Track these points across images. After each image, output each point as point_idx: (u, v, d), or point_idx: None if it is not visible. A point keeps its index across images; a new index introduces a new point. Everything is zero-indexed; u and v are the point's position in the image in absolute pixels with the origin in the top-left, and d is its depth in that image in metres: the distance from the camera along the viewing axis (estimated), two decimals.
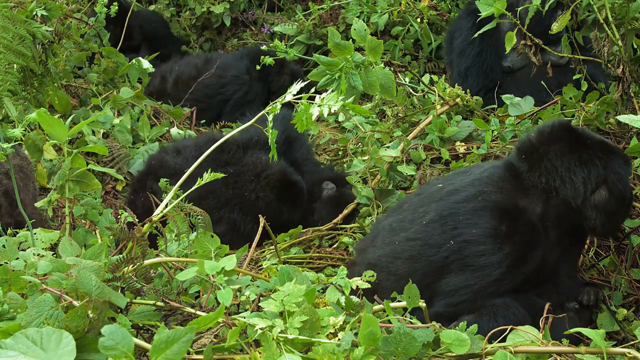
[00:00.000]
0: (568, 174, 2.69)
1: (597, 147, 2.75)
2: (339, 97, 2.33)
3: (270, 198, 3.79)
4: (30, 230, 2.61)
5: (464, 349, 2.11)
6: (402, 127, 4.22)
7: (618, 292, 3.08)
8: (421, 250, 2.75)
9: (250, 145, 3.92)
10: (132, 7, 5.71)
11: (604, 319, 2.91)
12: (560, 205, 2.71)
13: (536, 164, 2.74)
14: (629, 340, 2.79)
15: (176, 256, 2.48)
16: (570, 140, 2.74)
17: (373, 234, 3.07)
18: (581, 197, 2.69)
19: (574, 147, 2.72)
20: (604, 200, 2.71)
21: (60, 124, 2.58)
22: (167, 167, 3.83)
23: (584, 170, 2.69)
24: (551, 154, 2.72)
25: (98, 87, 4.70)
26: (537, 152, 2.75)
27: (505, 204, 2.72)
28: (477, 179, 2.83)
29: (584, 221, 2.73)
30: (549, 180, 2.70)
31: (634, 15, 3.31)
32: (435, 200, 2.84)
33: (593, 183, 2.69)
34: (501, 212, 2.70)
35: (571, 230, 2.78)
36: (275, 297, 2.01)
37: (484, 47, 4.60)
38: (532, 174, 2.74)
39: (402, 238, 2.81)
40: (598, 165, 2.70)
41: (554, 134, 2.77)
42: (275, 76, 5.22)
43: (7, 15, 3.76)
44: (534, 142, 2.78)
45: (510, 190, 2.75)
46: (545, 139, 2.77)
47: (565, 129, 2.78)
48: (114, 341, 1.63)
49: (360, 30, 2.71)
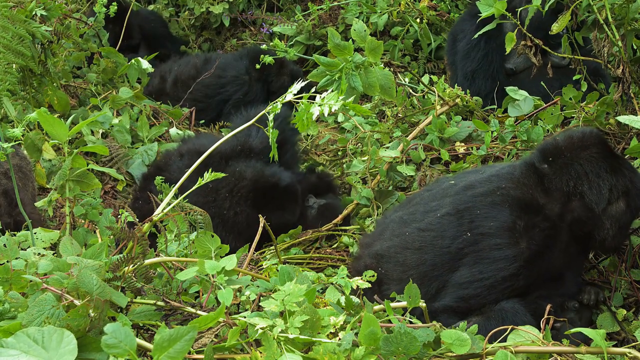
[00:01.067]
0: (597, 180, 2.72)
1: (625, 160, 2.81)
2: (339, 97, 2.33)
3: (247, 211, 3.70)
4: (30, 229, 2.61)
5: (464, 349, 2.11)
6: (401, 127, 4.22)
7: (618, 293, 3.07)
8: (433, 241, 2.75)
9: (234, 155, 3.84)
10: (131, 7, 5.71)
11: (604, 320, 2.91)
12: (579, 210, 2.73)
13: (564, 167, 2.75)
14: (629, 341, 2.79)
15: (176, 256, 2.48)
16: (602, 148, 2.78)
17: (380, 228, 3.07)
18: (604, 203, 2.71)
19: (607, 155, 2.76)
20: (620, 212, 2.74)
21: (60, 124, 2.58)
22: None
23: (613, 178, 2.73)
24: (583, 159, 2.74)
25: (97, 87, 4.69)
26: (565, 156, 2.76)
27: (525, 200, 2.73)
28: (496, 175, 2.85)
29: (597, 230, 2.76)
30: (577, 184, 2.72)
31: (633, 15, 3.31)
32: (450, 195, 2.85)
33: (619, 192, 2.72)
34: (520, 208, 2.71)
35: (580, 239, 2.80)
36: (276, 297, 2.01)
37: (489, 50, 4.60)
38: (557, 176, 2.75)
39: (413, 229, 2.82)
40: (626, 176, 2.75)
41: (585, 139, 2.79)
42: (275, 76, 5.21)
43: (6, 15, 3.76)
44: (561, 145, 2.80)
45: (531, 187, 2.77)
46: (575, 144, 2.78)
47: (597, 137, 2.82)
48: (116, 339, 1.63)
49: (360, 31, 2.71)
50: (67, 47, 4.60)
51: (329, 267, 3.43)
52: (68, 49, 4.63)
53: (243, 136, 3.92)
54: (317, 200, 3.94)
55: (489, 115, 4.28)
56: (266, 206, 3.70)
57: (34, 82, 4.13)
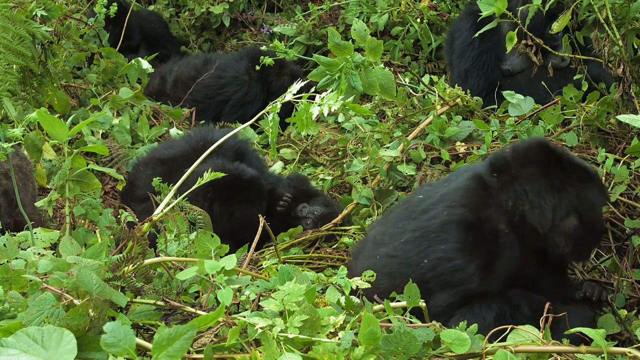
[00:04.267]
0: (537, 200, 2.60)
1: (574, 173, 2.65)
2: (338, 96, 2.33)
3: (210, 207, 3.60)
4: (30, 229, 2.61)
5: (464, 349, 2.11)
6: (402, 127, 4.22)
7: (620, 294, 3.06)
8: (400, 268, 2.70)
9: (196, 155, 3.77)
10: (131, 7, 5.71)
11: (605, 320, 2.90)
12: (525, 229, 2.63)
13: (507, 184, 2.64)
14: (632, 341, 2.78)
15: (176, 256, 2.48)
16: (545, 162, 2.64)
17: (364, 240, 3.05)
18: (549, 224, 2.61)
19: (547, 172, 2.63)
20: (573, 228, 2.64)
21: (60, 124, 2.58)
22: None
23: (555, 197, 2.61)
24: (522, 177, 2.63)
25: (97, 88, 4.69)
26: (510, 172, 2.65)
27: (469, 216, 2.65)
28: (446, 192, 2.77)
29: (551, 247, 2.67)
30: (517, 204, 2.62)
31: (634, 15, 3.31)
32: (412, 217, 2.79)
33: (565, 210, 2.61)
34: (466, 224, 2.63)
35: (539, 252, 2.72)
36: (276, 297, 2.01)
37: (483, 49, 4.59)
38: (501, 193, 2.65)
39: (382, 253, 2.78)
40: (570, 194, 2.62)
41: (529, 154, 2.67)
42: (275, 77, 5.21)
43: (6, 16, 3.76)
44: (508, 160, 2.68)
45: (476, 203, 2.67)
46: (519, 159, 2.67)
47: (542, 149, 2.67)
48: (116, 338, 1.64)
49: (360, 31, 2.71)
50: (68, 47, 4.61)
51: (328, 267, 3.42)
52: (68, 50, 4.63)
53: (203, 135, 3.92)
54: (311, 208, 3.91)
55: (489, 115, 4.28)
56: (230, 200, 3.67)
57: (34, 83, 4.13)
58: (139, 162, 4.02)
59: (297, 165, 4.51)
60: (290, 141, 4.70)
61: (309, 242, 3.70)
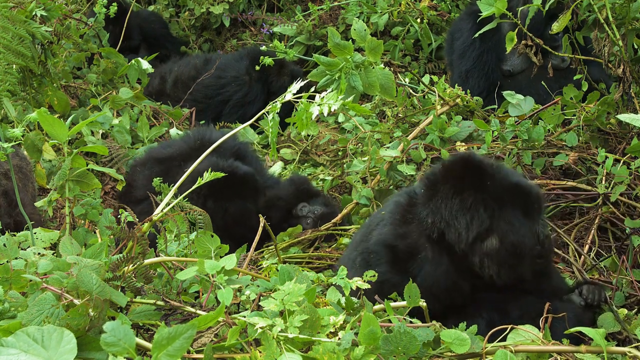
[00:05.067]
0: (451, 218, 2.54)
1: (495, 193, 2.54)
2: (338, 96, 2.33)
3: (204, 203, 3.59)
4: (30, 229, 2.61)
5: (464, 348, 2.11)
6: (402, 127, 4.22)
7: (620, 293, 3.06)
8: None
9: (193, 155, 3.70)
10: (131, 7, 5.71)
11: (604, 319, 2.90)
12: (448, 245, 2.57)
13: (428, 200, 2.60)
14: (631, 341, 2.78)
15: (176, 256, 2.48)
16: (464, 180, 2.56)
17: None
18: (464, 242, 2.53)
19: (461, 190, 2.54)
20: (494, 250, 2.53)
21: (60, 124, 2.58)
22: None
23: (467, 216, 2.52)
24: (442, 192, 2.57)
25: (97, 88, 4.69)
26: (434, 188, 2.61)
27: (393, 233, 2.63)
28: (383, 210, 2.76)
29: (474, 266, 2.57)
30: (435, 220, 2.57)
31: (634, 15, 3.32)
32: (363, 240, 2.76)
33: (474, 231, 2.52)
34: (390, 242, 2.61)
35: None
36: (276, 296, 2.01)
37: (484, 50, 4.59)
38: (423, 208, 2.61)
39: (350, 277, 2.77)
40: (482, 214, 2.51)
41: (451, 169, 2.61)
42: (275, 77, 5.21)
43: (6, 16, 3.76)
44: (437, 175, 2.64)
45: (401, 219, 2.64)
46: (444, 174, 2.61)
47: (464, 165, 2.60)
48: (115, 337, 1.64)
49: (360, 31, 2.71)
50: (67, 47, 4.60)
51: (328, 267, 3.42)
52: (68, 50, 4.63)
53: (201, 134, 3.93)
54: (311, 208, 3.91)
55: (489, 115, 4.28)
56: (224, 196, 3.68)
57: (34, 83, 4.13)
58: (135, 162, 4.02)
59: (297, 165, 4.51)
60: (290, 141, 4.70)
61: (309, 242, 3.70)
